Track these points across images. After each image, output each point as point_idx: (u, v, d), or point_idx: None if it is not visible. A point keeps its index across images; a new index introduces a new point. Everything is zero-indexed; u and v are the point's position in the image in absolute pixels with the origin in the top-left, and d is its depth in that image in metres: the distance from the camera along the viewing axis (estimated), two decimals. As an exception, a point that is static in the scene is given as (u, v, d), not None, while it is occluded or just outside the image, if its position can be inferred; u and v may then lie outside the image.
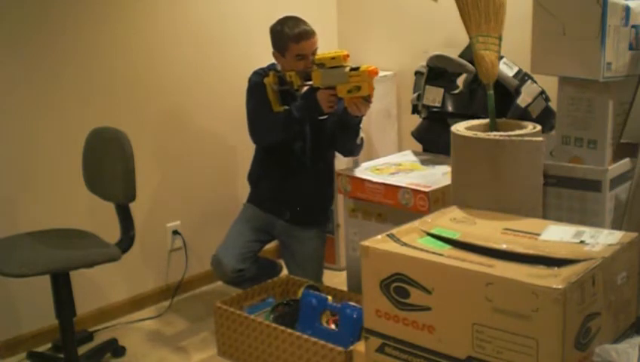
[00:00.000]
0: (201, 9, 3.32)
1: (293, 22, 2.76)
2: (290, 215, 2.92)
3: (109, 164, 2.58)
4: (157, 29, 3.17)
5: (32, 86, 2.80)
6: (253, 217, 2.94)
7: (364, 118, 2.74)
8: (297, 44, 2.70)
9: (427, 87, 2.78)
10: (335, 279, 3.17)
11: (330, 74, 2.56)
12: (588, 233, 1.63)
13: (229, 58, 3.42)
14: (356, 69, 2.50)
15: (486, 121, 2.12)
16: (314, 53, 2.74)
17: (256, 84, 2.81)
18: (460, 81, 2.86)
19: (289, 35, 2.71)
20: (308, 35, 2.71)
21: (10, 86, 2.74)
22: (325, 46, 3.89)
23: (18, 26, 2.73)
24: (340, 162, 3.33)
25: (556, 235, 1.63)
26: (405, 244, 1.63)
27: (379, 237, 1.69)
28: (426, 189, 2.39)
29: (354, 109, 2.57)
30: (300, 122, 2.72)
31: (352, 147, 2.84)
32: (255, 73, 2.87)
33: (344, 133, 2.77)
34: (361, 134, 2.82)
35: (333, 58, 2.57)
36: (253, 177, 3.00)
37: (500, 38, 2.13)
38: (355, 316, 2.34)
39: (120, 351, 2.82)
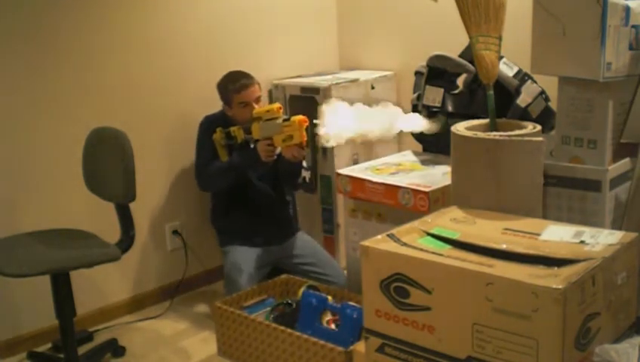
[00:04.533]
0: (201, 8, 3.32)
1: (235, 76, 3.04)
2: (276, 237, 3.07)
3: (109, 164, 2.58)
4: (158, 29, 3.17)
5: (32, 86, 2.80)
6: (253, 257, 2.99)
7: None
8: (239, 94, 2.97)
9: (427, 87, 2.78)
10: (335, 279, 3.17)
11: (266, 126, 2.81)
12: (588, 233, 1.63)
13: (230, 57, 3.42)
14: (288, 119, 2.76)
15: (486, 121, 2.12)
16: (257, 100, 3.01)
17: (206, 131, 3.04)
18: (460, 81, 2.86)
19: (231, 88, 3.00)
20: (247, 85, 2.99)
21: (10, 86, 2.74)
22: (325, 46, 3.90)
23: (17, 25, 2.73)
24: (341, 162, 3.34)
25: (556, 235, 1.63)
26: (405, 244, 1.63)
27: (379, 237, 1.69)
28: (426, 189, 2.39)
29: (289, 156, 2.84)
30: (241, 171, 2.96)
31: (294, 185, 3.32)
32: (206, 120, 3.09)
33: (286, 175, 3.13)
34: (303, 174, 3.31)
35: (267, 111, 2.82)
36: (227, 221, 3.11)
37: (500, 38, 2.12)
38: (355, 316, 2.34)
39: (120, 351, 2.82)
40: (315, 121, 2.58)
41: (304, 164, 3.22)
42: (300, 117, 2.74)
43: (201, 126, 3.08)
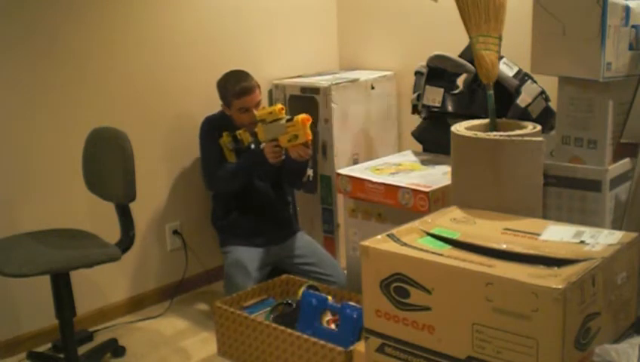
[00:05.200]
0: (201, 9, 3.32)
1: (235, 78, 2.98)
2: (277, 237, 3.06)
3: (109, 164, 2.58)
4: (158, 29, 3.17)
5: (32, 86, 2.80)
6: (254, 257, 2.97)
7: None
8: (239, 99, 2.93)
9: (427, 87, 2.78)
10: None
11: (270, 128, 2.79)
12: (588, 233, 1.63)
13: (230, 57, 3.42)
14: (291, 119, 2.74)
15: (486, 121, 2.13)
16: (257, 105, 2.97)
17: (208, 132, 3.03)
18: (460, 81, 2.86)
19: (231, 92, 2.95)
20: (248, 91, 2.94)
21: (10, 86, 2.74)
22: (325, 46, 3.91)
23: (17, 25, 2.73)
24: (341, 162, 3.34)
25: (556, 235, 1.63)
26: (405, 244, 1.63)
27: (379, 237, 1.69)
28: (426, 189, 2.39)
29: (295, 155, 2.80)
30: (249, 174, 2.96)
31: (298, 184, 3.25)
32: (207, 121, 3.07)
33: (291, 174, 3.07)
34: (308, 173, 3.26)
35: (270, 113, 2.79)
36: (225, 222, 3.10)
37: (500, 38, 2.13)
38: (355, 316, 2.34)
39: (120, 351, 2.82)
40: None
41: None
42: (303, 115, 2.73)
43: (203, 128, 3.07)
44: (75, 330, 2.57)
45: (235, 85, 2.94)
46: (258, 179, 3.04)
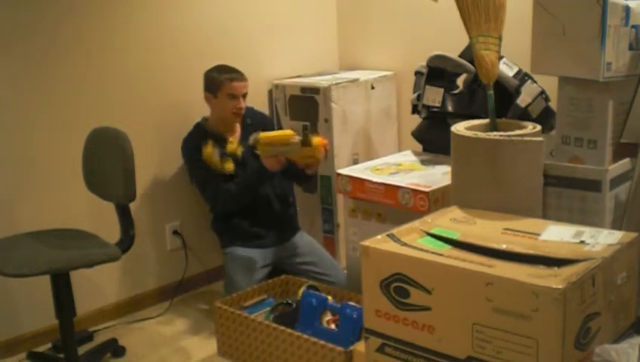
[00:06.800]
0: (201, 9, 3.32)
1: (227, 67, 3.04)
2: (277, 237, 3.06)
3: (109, 164, 2.58)
4: (158, 30, 3.17)
5: (32, 86, 2.80)
6: (254, 257, 2.97)
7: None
8: (231, 83, 2.96)
9: (427, 87, 2.78)
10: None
11: (279, 149, 2.69)
12: (588, 233, 1.63)
13: (231, 57, 3.41)
14: (307, 143, 2.63)
15: (486, 121, 2.13)
16: (244, 96, 2.99)
17: (193, 150, 2.94)
18: (460, 81, 2.86)
19: (223, 76, 2.98)
20: (240, 77, 2.99)
21: (10, 86, 2.74)
22: (325, 46, 3.91)
23: (16, 25, 2.73)
24: (341, 162, 3.34)
25: (556, 235, 1.63)
26: (405, 244, 1.63)
27: (379, 237, 1.69)
28: (426, 189, 2.39)
29: (304, 168, 2.80)
30: (255, 190, 2.92)
31: (309, 177, 3.10)
32: (186, 140, 3.05)
33: (300, 178, 3.05)
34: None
35: (278, 136, 2.73)
36: (228, 223, 3.07)
37: (500, 38, 2.13)
38: (355, 316, 2.34)
39: (120, 351, 2.82)
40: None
41: None
42: (319, 140, 2.66)
43: (186, 147, 3.03)
44: (75, 330, 2.57)
45: (230, 72, 2.99)
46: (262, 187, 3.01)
